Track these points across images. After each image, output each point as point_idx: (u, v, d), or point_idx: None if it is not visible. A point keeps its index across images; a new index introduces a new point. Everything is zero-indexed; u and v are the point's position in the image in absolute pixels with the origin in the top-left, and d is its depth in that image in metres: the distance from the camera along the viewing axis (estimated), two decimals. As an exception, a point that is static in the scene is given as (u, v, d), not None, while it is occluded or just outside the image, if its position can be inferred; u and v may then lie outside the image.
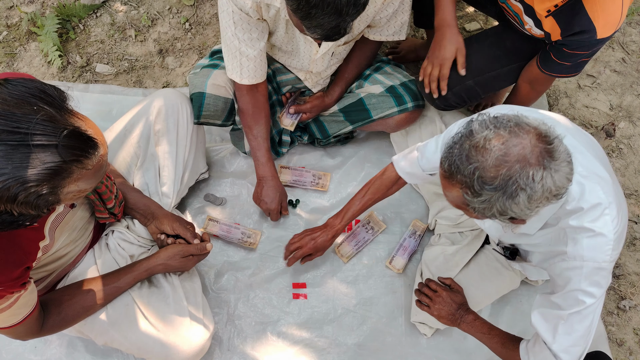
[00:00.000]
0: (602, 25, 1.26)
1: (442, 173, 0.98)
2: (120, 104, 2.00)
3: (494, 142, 0.90)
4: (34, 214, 0.86)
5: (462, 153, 0.92)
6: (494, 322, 1.66)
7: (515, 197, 0.89)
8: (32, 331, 1.19)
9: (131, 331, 1.33)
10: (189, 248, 1.39)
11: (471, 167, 0.91)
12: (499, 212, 0.93)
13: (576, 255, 1.06)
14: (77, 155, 0.84)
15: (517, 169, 0.88)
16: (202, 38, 2.19)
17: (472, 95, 1.62)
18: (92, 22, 2.20)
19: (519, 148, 0.89)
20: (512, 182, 0.88)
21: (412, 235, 1.77)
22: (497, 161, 0.89)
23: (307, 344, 1.64)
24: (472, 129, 0.93)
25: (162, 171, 1.54)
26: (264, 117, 1.63)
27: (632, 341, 1.71)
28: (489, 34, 1.61)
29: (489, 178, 0.90)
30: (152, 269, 1.38)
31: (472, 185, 0.91)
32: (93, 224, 1.39)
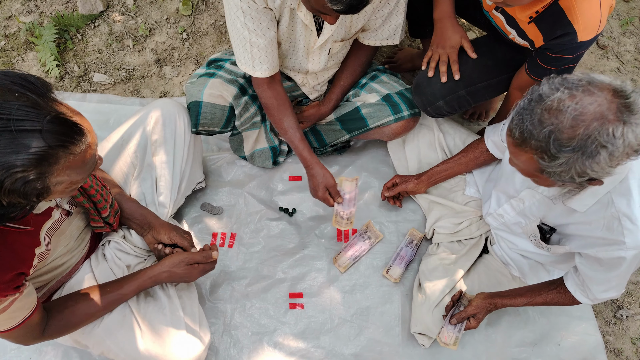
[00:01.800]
0: (582, 28, 1.29)
1: (512, 141, 0.95)
2: (118, 114, 2.01)
3: (568, 102, 0.87)
4: (23, 203, 0.86)
5: (534, 118, 0.89)
6: (492, 331, 1.67)
7: (596, 155, 0.87)
8: (33, 336, 1.18)
9: (127, 342, 1.32)
10: (195, 256, 1.35)
11: (546, 131, 0.88)
12: (577, 173, 0.90)
13: (636, 245, 1.07)
14: (62, 140, 0.83)
15: (595, 126, 0.86)
16: (200, 48, 2.20)
17: (463, 104, 1.64)
18: (90, 32, 2.21)
19: (595, 106, 0.86)
20: (591, 140, 0.86)
21: (409, 244, 1.77)
22: (573, 121, 0.86)
23: (303, 355, 1.63)
24: (540, 93, 0.91)
25: (159, 181, 1.54)
26: (289, 107, 1.60)
27: (629, 351, 1.71)
28: (480, 44, 1.63)
29: (565, 139, 0.87)
30: (157, 277, 1.34)
31: (549, 149, 0.89)
32: (90, 235, 1.39)
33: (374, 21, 1.55)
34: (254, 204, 1.85)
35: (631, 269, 1.18)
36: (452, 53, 1.58)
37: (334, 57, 1.66)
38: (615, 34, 2.30)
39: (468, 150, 1.65)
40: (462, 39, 1.58)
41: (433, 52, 1.61)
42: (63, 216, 1.18)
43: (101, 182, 1.29)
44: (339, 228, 1.69)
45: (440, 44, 1.59)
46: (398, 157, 1.86)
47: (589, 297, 1.30)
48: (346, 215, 1.64)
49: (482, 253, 1.68)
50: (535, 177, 1.01)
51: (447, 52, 1.58)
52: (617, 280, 1.22)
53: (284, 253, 1.78)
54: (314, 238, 1.81)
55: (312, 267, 1.76)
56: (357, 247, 1.77)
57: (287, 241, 1.80)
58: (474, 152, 1.63)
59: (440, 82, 1.58)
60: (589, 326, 1.70)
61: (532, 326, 1.69)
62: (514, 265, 1.58)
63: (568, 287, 1.33)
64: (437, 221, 1.73)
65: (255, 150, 1.83)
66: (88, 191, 1.23)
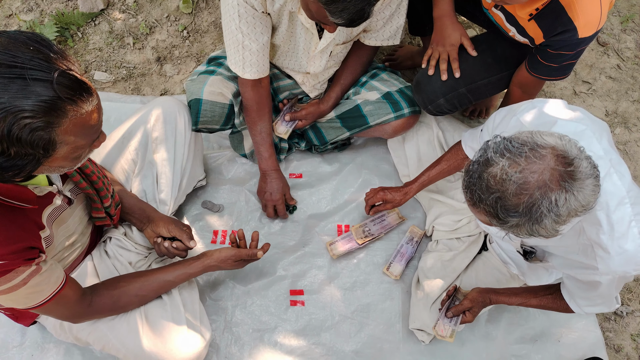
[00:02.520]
0: (582, 25, 1.29)
1: (467, 201, 0.99)
2: (118, 112, 2.01)
3: (511, 171, 0.89)
4: (30, 153, 0.87)
5: (482, 183, 0.93)
6: (492, 328, 1.67)
7: (541, 221, 0.90)
8: (77, 312, 1.22)
9: (129, 338, 1.33)
10: (241, 253, 1.44)
11: (493, 197, 0.91)
12: (528, 233, 0.93)
13: (609, 271, 1.09)
14: (70, 94, 0.86)
15: (538, 196, 0.88)
16: (200, 46, 2.20)
17: (463, 101, 1.64)
18: (91, 30, 2.22)
19: (537, 175, 0.88)
20: (535, 208, 0.89)
21: (410, 241, 1.78)
22: (517, 190, 0.89)
23: (304, 351, 1.64)
24: (488, 157, 0.93)
25: (159, 178, 1.54)
26: (268, 112, 1.66)
27: (629, 347, 1.71)
28: (480, 41, 1.63)
29: (511, 206, 0.90)
30: (207, 269, 1.42)
31: (497, 214, 0.92)
32: (91, 229, 1.39)
33: (375, 23, 1.55)
34: (255, 202, 1.85)
35: (611, 291, 1.20)
36: (452, 51, 1.58)
37: (335, 58, 1.67)
38: (616, 31, 2.30)
39: (449, 157, 1.59)
40: (462, 37, 1.57)
41: (433, 50, 1.61)
42: (64, 204, 1.19)
43: (102, 171, 1.30)
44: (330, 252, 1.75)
45: (440, 42, 1.59)
46: (398, 154, 1.86)
47: (581, 308, 1.31)
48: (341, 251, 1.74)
49: (481, 250, 1.68)
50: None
51: (447, 49, 1.58)
52: (600, 299, 1.24)
53: (284, 250, 1.78)
54: (315, 235, 1.81)
55: (312, 264, 1.76)
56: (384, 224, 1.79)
57: (288, 238, 1.80)
58: (456, 159, 1.58)
59: (441, 80, 1.58)
60: (589, 323, 1.70)
61: (532, 323, 1.69)
62: (512, 263, 1.59)
63: (563, 295, 1.34)
64: (437, 218, 1.74)
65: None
66: (90, 177, 1.24)
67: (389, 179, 1.91)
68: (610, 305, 1.27)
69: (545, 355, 1.65)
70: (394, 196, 1.65)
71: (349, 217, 1.84)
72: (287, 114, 1.78)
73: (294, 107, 1.80)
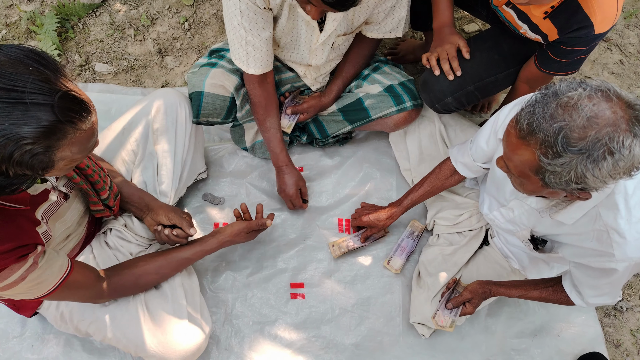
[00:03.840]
0: (599, 20, 1.27)
1: (516, 133, 0.92)
2: (119, 103, 2.00)
3: (585, 101, 0.85)
4: (29, 174, 0.88)
5: (547, 111, 0.87)
6: (491, 322, 1.68)
7: (601, 161, 0.85)
8: (91, 294, 1.25)
9: (129, 329, 1.33)
10: (251, 224, 1.50)
11: (556, 126, 0.85)
12: (576, 177, 0.88)
13: (625, 257, 1.07)
14: (71, 116, 0.86)
15: (607, 132, 0.83)
16: (202, 38, 2.19)
17: (471, 99, 1.63)
18: (92, 21, 2.20)
19: (610, 112, 0.84)
20: (600, 144, 0.84)
21: (410, 235, 1.78)
22: (587, 122, 0.84)
23: (304, 344, 1.64)
24: (556, 90, 0.89)
25: (160, 170, 1.54)
26: (275, 108, 1.66)
27: (629, 342, 1.72)
28: (487, 38, 1.62)
29: (574, 139, 0.85)
30: (222, 244, 1.47)
31: (555, 145, 0.86)
32: (87, 220, 1.39)
33: (377, 15, 1.54)
34: (256, 195, 1.85)
35: (623, 280, 1.19)
36: (450, 49, 1.57)
37: (337, 50, 1.66)
38: (619, 27, 2.29)
39: (432, 179, 1.58)
40: (459, 40, 1.58)
41: (432, 53, 1.60)
42: (61, 199, 1.18)
43: (97, 164, 1.29)
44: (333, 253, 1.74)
45: (439, 45, 1.59)
46: (399, 148, 1.86)
47: (584, 299, 1.30)
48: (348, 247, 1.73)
49: (482, 245, 1.68)
50: (526, 180, 0.99)
51: (446, 48, 1.58)
52: (609, 288, 1.22)
53: (285, 243, 1.78)
54: (316, 229, 1.81)
55: (313, 257, 1.76)
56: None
57: (289, 232, 1.80)
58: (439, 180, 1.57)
59: (449, 79, 1.57)
60: (588, 318, 1.71)
61: (532, 317, 1.70)
62: (514, 257, 1.59)
63: (565, 287, 1.33)
64: (438, 212, 1.74)
65: (257, 142, 1.83)
66: (85, 171, 1.23)
67: (389, 173, 1.90)
68: (615, 295, 1.25)
69: (544, 349, 1.66)
70: (379, 217, 1.65)
71: (350, 211, 1.84)
72: (288, 107, 1.77)
73: (296, 100, 1.79)
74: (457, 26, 2.26)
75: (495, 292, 1.47)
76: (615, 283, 1.20)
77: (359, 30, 1.63)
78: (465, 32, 2.24)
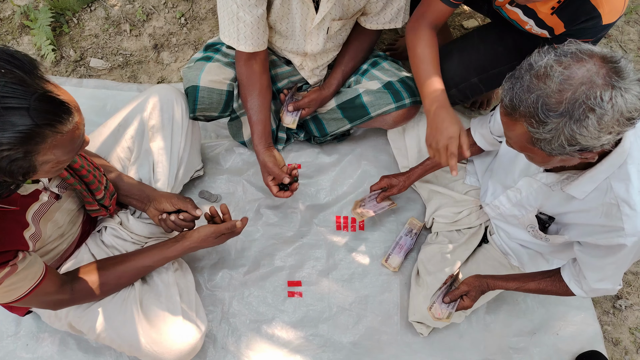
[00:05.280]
0: (607, 11, 1.26)
1: (504, 111, 0.96)
2: (115, 99, 1.98)
3: (556, 67, 0.88)
4: (9, 181, 0.85)
5: (524, 84, 0.90)
6: (490, 320, 1.67)
7: (584, 119, 0.86)
8: (55, 302, 1.21)
9: (123, 328, 1.32)
10: (220, 228, 1.37)
11: (534, 96, 0.88)
12: (567, 140, 0.90)
13: (635, 231, 1.06)
14: (49, 119, 0.82)
15: (583, 90, 0.85)
16: (198, 33, 2.16)
17: (475, 91, 1.62)
18: (87, 16, 2.18)
19: (583, 70, 0.86)
20: (578, 104, 0.85)
21: (409, 233, 1.76)
22: (560, 86, 0.86)
23: (302, 343, 1.63)
24: (531, 62, 0.91)
25: (156, 167, 1.52)
26: (258, 89, 1.59)
27: (627, 340, 1.71)
28: (489, 30, 1.60)
29: (553, 104, 0.87)
30: (186, 250, 1.37)
31: (537, 114, 0.89)
32: (82, 218, 1.37)
33: (375, 4, 1.52)
34: (253, 192, 1.83)
35: (629, 258, 1.17)
36: (450, 144, 1.31)
37: (333, 39, 1.63)
38: (619, 23, 2.28)
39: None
40: (462, 132, 1.33)
41: (431, 149, 1.36)
42: (52, 199, 1.16)
43: (93, 164, 1.27)
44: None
45: (436, 138, 1.34)
46: (398, 145, 1.84)
47: (583, 288, 1.29)
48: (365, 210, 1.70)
49: (481, 242, 1.67)
50: (529, 152, 1.01)
51: (446, 143, 1.32)
52: (614, 268, 1.21)
53: (282, 241, 1.77)
54: (313, 226, 1.80)
55: (310, 255, 1.75)
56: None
57: (286, 229, 1.79)
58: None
59: (453, 70, 1.56)
60: (587, 316, 1.70)
61: (530, 315, 1.69)
62: (513, 254, 1.58)
63: (563, 277, 1.33)
64: (437, 210, 1.72)
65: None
66: (79, 171, 1.21)
67: (388, 171, 1.89)
68: (617, 279, 1.24)
69: (543, 348, 1.65)
70: (398, 179, 1.67)
71: (348, 209, 1.82)
72: (289, 104, 1.75)
73: (295, 96, 1.78)
74: (456, 22, 2.24)
75: (493, 285, 1.46)
76: (620, 263, 1.18)
77: (358, 22, 1.61)
78: (464, 27, 2.22)
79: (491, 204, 1.48)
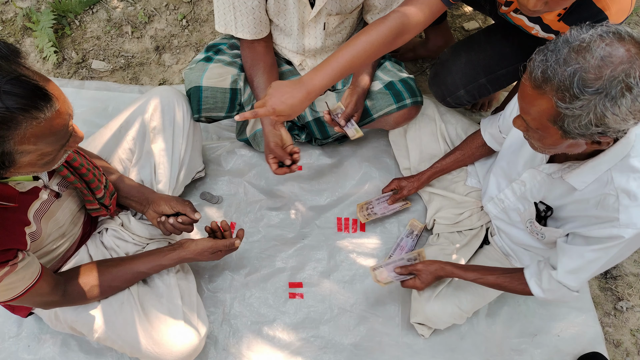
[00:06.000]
0: (614, 12, 1.26)
1: (531, 83, 0.93)
2: (116, 101, 1.99)
3: (598, 42, 0.86)
4: None
5: (560, 57, 0.88)
6: (491, 322, 1.67)
7: (620, 98, 0.85)
8: (47, 302, 1.21)
9: (124, 330, 1.32)
10: (218, 244, 1.37)
11: (571, 69, 0.86)
12: (596, 118, 0.88)
13: (629, 222, 1.06)
14: (22, 103, 0.79)
15: (623, 68, 0.85)
16: (199, 35, 2.17)
17: (483, 92, 1.63)
18: (88, 18, 2.18)
19: (623, 50, 0.85)
20: (617, 82, 0.85)
21: (410, 234, 1.76)
22: (601, 62, 0.85)
23: (303, 344, 1.63)
24: (567, 37, 0.90)
25: (157, 168, 1.52)
26: (262, 66, 1.61)
27: (629, 342, 1.71)
28: (494, 31, 1.60)
29: (591, 79, 0.86)
30: (182, 260, 1.37)
31: (571, 88, 0.87)
32: (83, 219, 1.37)
33: (378, 1, 1.53)
34: (254, 194, 1.84)
35: (613, 253, 1.14)
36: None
37: (332, 37, 1.63)
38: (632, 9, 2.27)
39: (464, 146, 1.64)
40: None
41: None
42: (52, 198, 1.16)
43: (92, 162, 1.27)
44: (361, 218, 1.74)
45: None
46: (399, 147, 1.84)
47: (543, 285, 1.27)
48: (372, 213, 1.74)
49: (482, 244, 1.67)
50: (545, 132, 0.99)
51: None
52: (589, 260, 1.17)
53: (283, 243, 1.77)
54: (314, 228, 1.80)
55: (311, 257, 1.75)
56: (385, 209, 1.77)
57: (287, 231, 1.79)
58: (471, 148, 1.63)
59: (461, 70, 1.56)
60: (588, 318, 1.70)
61: (531, 317, 1.69)
62: (514, 256, 1.58)
63: (525, 274, 1.32)
64: (438, 212, 1.73)
65: (257, 130, 1.79)
66: (79, 170, 1.21)
67: (389, 173, 1.89)
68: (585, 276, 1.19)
69: (544, 349, 1.65)
70: (408, 181, 1.70)
71: (349, 210, 1.83)
72: (339, 119, 1.65)
73: (336, 111, 1.67)
74: (457, 24, 2.24)
75: (450, 273, 1.45)
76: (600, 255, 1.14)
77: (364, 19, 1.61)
78: (465, 29, 2.22)
79: (496, 197, 1.48)
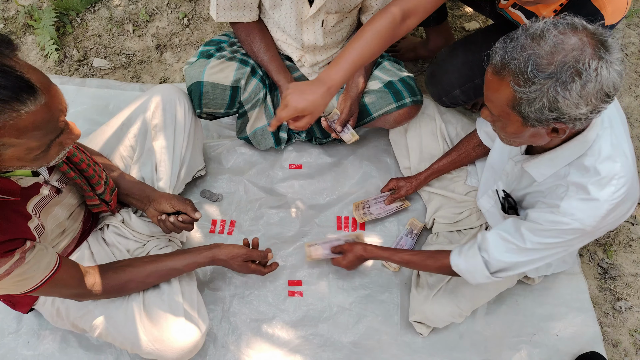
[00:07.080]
0: (610, 12, 1.27)
1: (492, 70, 0.99)
2: (117, 99, 1.99)
3: (552, 30, 0.92)
4: None
5: (517, 44, 0.94)
6: (490, 321, 1.67)
7: (570, 83, 0.90)
8: (78, 293, 1.22)
9: (125, 326, 1.32)
10: (252, 253, 1.44)
11: (525, 55, 0.92)
12: (549, 102, 0.93)
13: (567, 212, 1.09)
14: (2, 94, 0.77)
15: (573, 55, 0.89)
16: (201, 34, 2.18)
17: (479, 92, 1.63)
18: (90, 16, 2.19)
19: (575, 39, 0.90)
20: (567, 67, 0.89)
21: (409, 234, 1.77)
22: (553, 48, 0.90)
23: (302, 342, 1.63)
24: (527, 26, 0.95)
25: (158, 166, 1.53)
26: (259, 35, 1.64)
27: (627, 342, 1.71)
28: (492, 32, 1.61)
29: (543, 65, 0.91)
30: (214, 261, 1.41)
31: (526, 72, 0.92)
32: (82, 215, 1.38)
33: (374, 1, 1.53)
34: (254, 192, 1.84)
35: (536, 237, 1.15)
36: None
37: (331, 35, 1.64)
38: (620, 26, 2.28)
39: (460, 147, 1.67)
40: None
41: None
42: (52, 193, 1.17)
43: (92, 159, 1.28)
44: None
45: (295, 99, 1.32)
46: (399, 146, 1.85)
47: (462, 250, 1.31)
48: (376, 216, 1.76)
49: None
50: (507, 120, 1.03)
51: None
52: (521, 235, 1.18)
53: (283, 241, 1.77)
54: (314, 226, 1.80)
55: (311, 255, 1.76)
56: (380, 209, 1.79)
57: (287, 229, 1.80)
58: (467, 148, 1.65)
59: (458, 70, 1.57)
60: (587, 317, 1.70)
61: (530, 317, 1.69)
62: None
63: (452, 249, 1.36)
64: (438, 211, 1.73)
65: (257, 128, 1.79)
66: (79, 165, 1.22)
67: (389, 172, 1.90)
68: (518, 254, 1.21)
69: (542, 349, 1.65)
70: (406, 181, 1.72)
71: (349, 209, 1.83)
72: (336, 125, 1.65)
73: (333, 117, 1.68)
74: (457, 24, 2.25)
75: (375, 254, 1.54)
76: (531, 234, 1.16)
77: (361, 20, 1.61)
78: (465, 29, 2.23)
79: (490, 190, 1.49)
